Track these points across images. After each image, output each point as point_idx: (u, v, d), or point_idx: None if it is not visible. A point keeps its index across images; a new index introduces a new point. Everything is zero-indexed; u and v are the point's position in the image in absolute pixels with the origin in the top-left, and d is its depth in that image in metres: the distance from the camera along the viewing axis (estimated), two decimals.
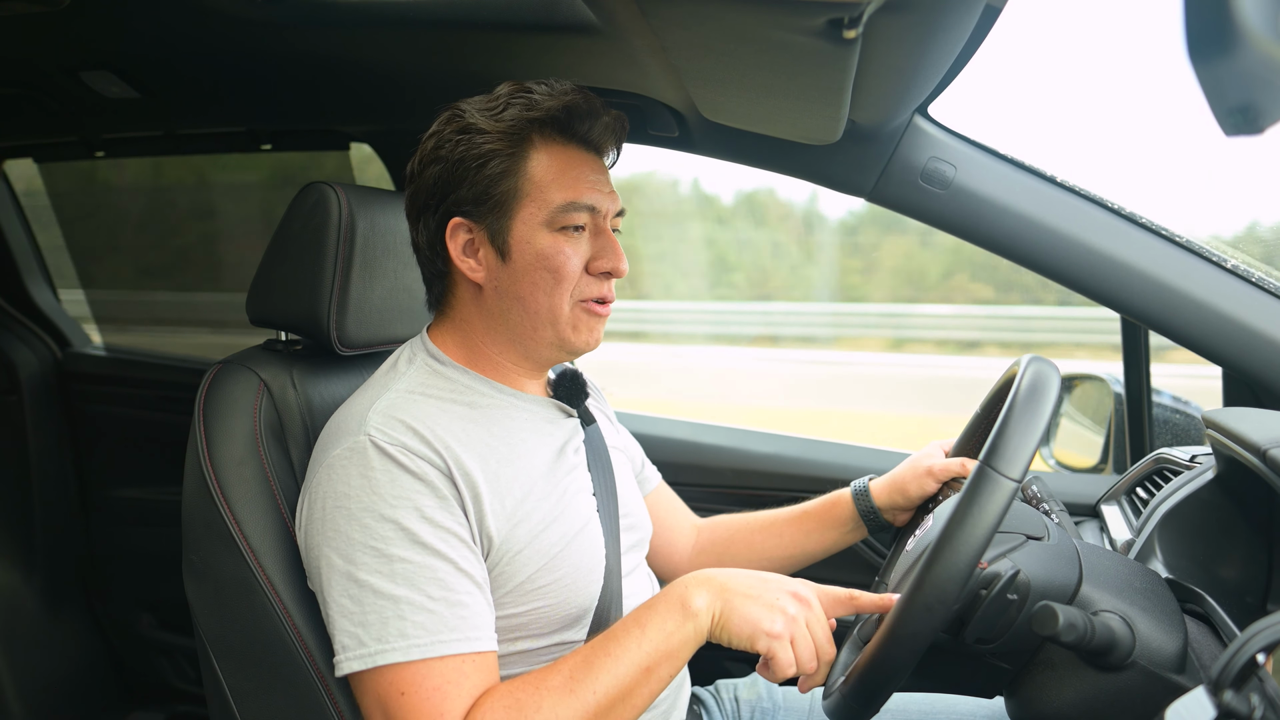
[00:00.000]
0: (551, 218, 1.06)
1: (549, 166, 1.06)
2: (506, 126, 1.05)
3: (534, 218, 1.06)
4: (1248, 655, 0.68)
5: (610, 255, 1.09)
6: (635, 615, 0.97)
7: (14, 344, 2.28)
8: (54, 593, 2.29)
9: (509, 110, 1.06)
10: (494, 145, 1.05)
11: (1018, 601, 0.92)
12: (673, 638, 0.94)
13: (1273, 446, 0.96)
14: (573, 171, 1.07)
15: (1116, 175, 6.39)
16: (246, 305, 1.23)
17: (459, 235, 1.08)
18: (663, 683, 0.95)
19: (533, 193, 1.06)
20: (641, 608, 0.98)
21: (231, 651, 1.07)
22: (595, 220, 1.09)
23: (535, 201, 1.06)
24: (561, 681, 0.93)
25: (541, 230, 1.06)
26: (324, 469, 1.00)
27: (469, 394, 1.09)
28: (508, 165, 1.05)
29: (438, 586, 0.94)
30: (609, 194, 1.11)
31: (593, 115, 1.08)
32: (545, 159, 1.07)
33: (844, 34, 0.85)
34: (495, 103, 1.07)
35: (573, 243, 1.07)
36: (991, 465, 0.86)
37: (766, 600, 0.95)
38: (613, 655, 0.94)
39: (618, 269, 1.10)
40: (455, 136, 1.06)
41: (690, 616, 0.95)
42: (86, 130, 1.90)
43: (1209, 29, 0.43)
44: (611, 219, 1.12)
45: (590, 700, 0.92)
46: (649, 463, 1.45)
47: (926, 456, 1.34)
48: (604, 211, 1.10)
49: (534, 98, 1.06)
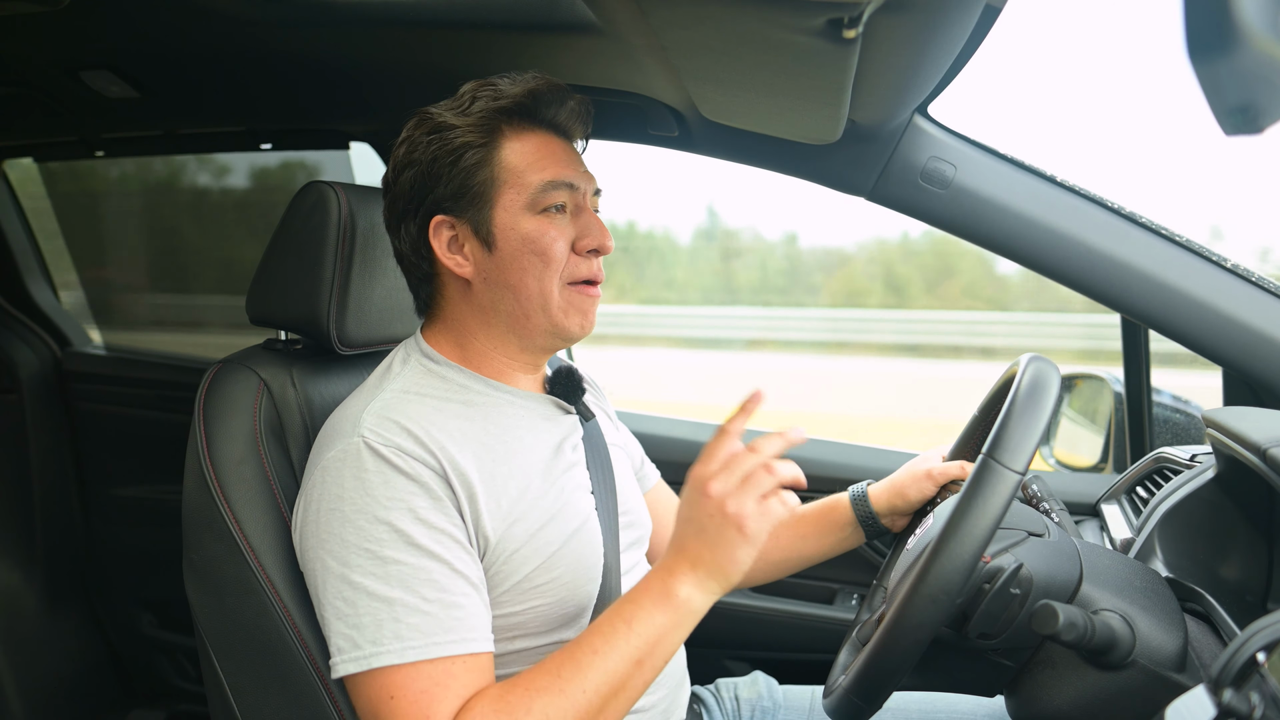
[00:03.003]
0: (533, 200, 1.06)
1: (522, 152, 1.07)
2: (476, 119, 1.06)
3: (515, 203, 1.06)
4: (1248, 654, 0.68)
5: (595, 232, 1.09)
6: (618, 610, 0.95)
7: (14, 343, 2.28)
8: (54, 592, 2.29)
9: (476, 104, 1.07)
10: (466, 138, 1.06)
11: (1020, 596, 0.92)
12: (662, 628, 0.93)
13: (1273, 446, 0.96)
14: (546, 153, 1.08)
15: (1117, 175, 6.38)
16: (246, 304, 1.23)
17: (442, 233, 1.08)
18: (655, 671, 0.95)
19: (510, 179, 1.06)
20: (623, 602, 0.96)
21: (232, 650, 1.07)
22: (575, 198, 1.10)
23: (514, 187, 1.06)
24: (550, 680, 0.92)
25: (524, 214, 1.06)
26: (319, 471, 1.00)
27: (464, 392, 1.09)
28: (482, 155, 1.06)
29: (432, 588, 0.94)
30: (584, 173, 1.12)
31: (559, 100, 1.10)
32: (518, 145, 1.07)
33: (844, 33, 0.85)
34: (461, 100, 1.08)
35: (556, 224, 1.07)
36: (995, 458, 0.86)
37: (722, 536, 0.92)
38: (600, 652, 0.93)
39: (604, 245, 1.10)
40: (426, 138, 1.07)
41: (679, 604, 0.93)
42: (86, 130, 1.90)
43: (1209, 29, 0.43)
44: (590, 198, 1.12)
45: (581, 699, 0.91)
46: (648, 460, 1.45)
47: (924, 460, 1.34)
48: (583, 189, 1.10)
49: (499, 88, 1.07)
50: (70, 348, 2.38)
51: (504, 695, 0.92)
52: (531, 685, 0.92)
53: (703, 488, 0.93)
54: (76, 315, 2.48)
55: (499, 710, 0.91)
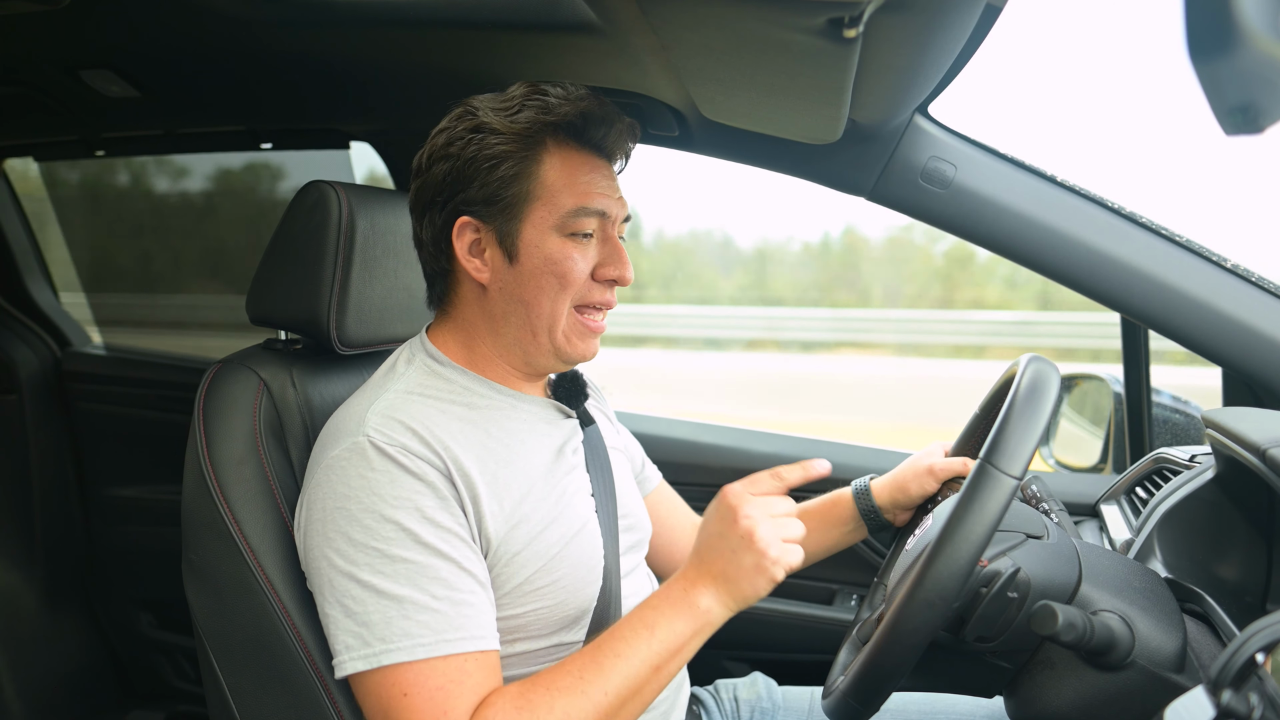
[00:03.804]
0: (562, 222, 1.06)
1: (561, 171, 1.06)
2: (521, 129, 1.05)
3: (544, 221, 1.06)
4: (1247, 655, 0.68)
5: (617, 262, 1.09)
6: (640, 615, 0.97)
7: (14, 343, 2.28)
8: (54, 592, 2.29)
9: (523, 113, 1.05)
10: (507, 147, 1.04)
11: (1018, 600, 0.92)
12: (683, 636, 0.95)
13: (1273, 446, 0.96)
14: (585, 177, 1.07)
15: (1117, 175, 6.39)
16: (246, 304, 1.23)
17: (466, 234, 1.08)
18: (671, 676, 0.96)
19: (544, 196, 1.06)
20: (645, 608, 0.98)
21: (231, 651, 1.07)
22: (604, 226, 1.09)
23: (546, 205, 1.06)
24: (572, 681, 0.93)
25: (551, 234, 1.06)
26: (323, 470, 1.00)
27: (467, 395, 1.09)
28: (520, 168, 1.05)
29: (441, 586, 0.94)
30: (618, 200, 1.11)
31: (607, 122, 1.08)
32: (558, 163, 1.06)
33: (844, 33, 0.85)
34: (509, 103, 1.07)
35: (581, 248, 1.07)
36: (992, 463, 0.86)
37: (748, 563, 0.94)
38: (623, 656, 0.94)
39: (624, 277, 1.10)
40: (467, 135, 1.06)
41: (700, 614, 0.95)
42: (86, 130, 1.90)
43: (1209, 29, 0.43)
44: (619, 225, 1.12)
45: (602, 700, 0.92)
46: (649, 462, 1.45)
47: (927, 455, 1.34)
48: (613, 218, 1.10)
49: (549, 101, 1.06)
50: (70, 348, 2.38)
51: (525, 693, 0.93)
52: (553, 685, 0.93)
53: (738, 513, 0.94)
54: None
55: (520, 708, 0.92)
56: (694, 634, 0.96)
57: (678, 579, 0.98)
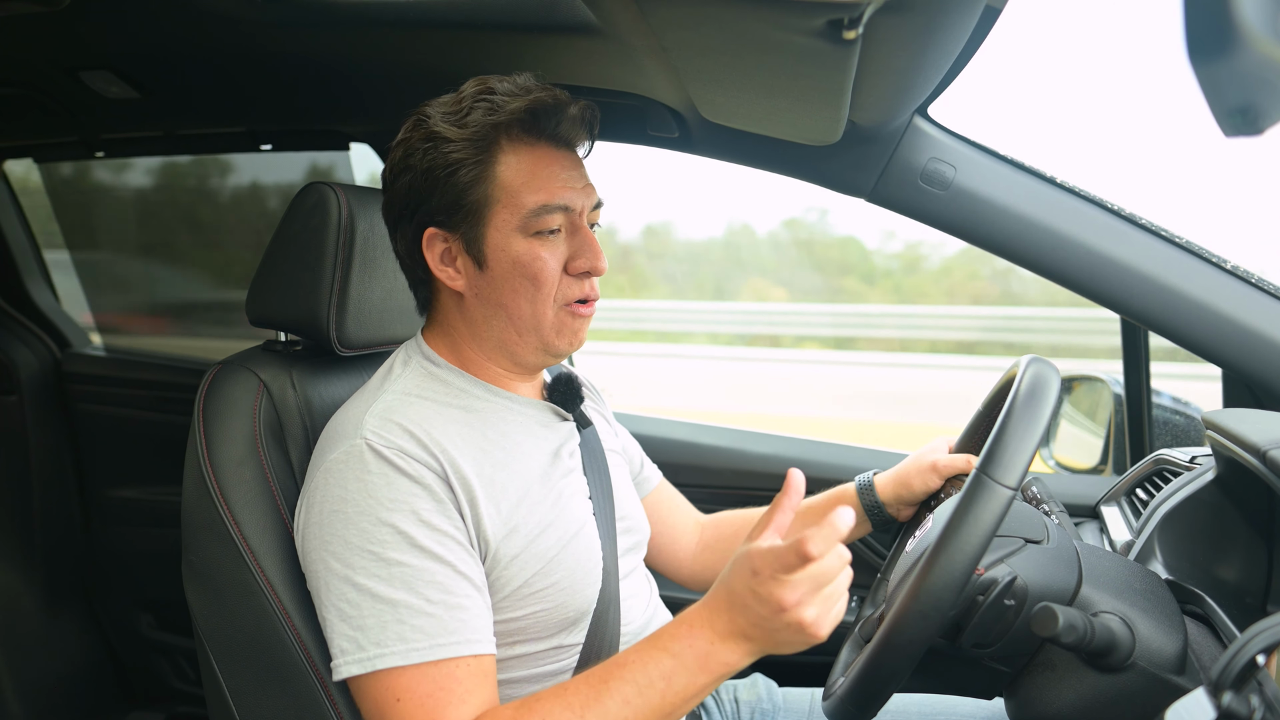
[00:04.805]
0: (525, 223, 1.04)
1: (518, 169, 1.04)
2: (471, 133, 1.03)
3: (507, 224, 1.04)
4: (1248, 656, 0.68)
5: (588, 254, 1.07)
6: (657, 662, 0.90)
7: (14, 344, 2.28)
8: (54, 593, 2.29)
9: (473, 115, 1.03)
10: (461, 154, 1.03)
11: (1014, 607, 0.92)
12: (702, 688, 0.90)
13: (1273, 447, 0.96)
14: (543, 172, 1.05)
15: (1117, 176, 6.39)
16: (246, 305, 1.23)
17: (435, 245, 1.07)
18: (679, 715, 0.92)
19: (504, 198, 1.04)
20: (663, 654, 0.90)
21: (230, 652, 1.07)
22: (570, 219, 1.07)
23: (507, 207, 1.04)
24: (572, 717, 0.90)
25: (516, 236, 1.04)
26: (321, 473, 1.00)
27: (464, 397, 1.09)
28: (477, 173, 1.03)
29: (436, 590, 0.94)
30: (583, 189, 1.08)
31: (559, 110, 1.05)
32: (514, 161, 1.04)
33: (844, 34, 0.85)
34: (460, 106, 1.04)
35: (549, 246, 1.05)
36: (988, 474, 0.86)
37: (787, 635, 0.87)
38: (632, 704, 0.89)
39: (596, 268, 1.07)
40: (422, 145, 1.04)
41: (725, 669, 0.90)
42: (86, 130, 1.90)
43: (1209, 29, 0.43)
44: (589, 213, 1.10)
45: None
46: (649, 462, 1.45)
47: (931, 451, 1.33)
48: (579, 209, 1.07)
49: (496, 100, 1.04)
50: (70, 349, 2.38)
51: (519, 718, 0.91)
52: (549, 716, 0.90)
53: (781, 600, 0.85)
54: None
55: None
56: (712, 684, 0.91)
57: (702, 631, 0.90)
